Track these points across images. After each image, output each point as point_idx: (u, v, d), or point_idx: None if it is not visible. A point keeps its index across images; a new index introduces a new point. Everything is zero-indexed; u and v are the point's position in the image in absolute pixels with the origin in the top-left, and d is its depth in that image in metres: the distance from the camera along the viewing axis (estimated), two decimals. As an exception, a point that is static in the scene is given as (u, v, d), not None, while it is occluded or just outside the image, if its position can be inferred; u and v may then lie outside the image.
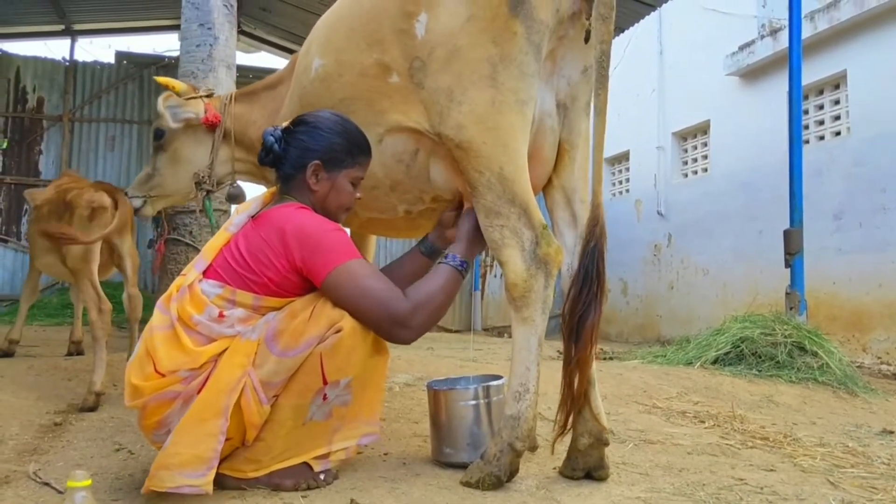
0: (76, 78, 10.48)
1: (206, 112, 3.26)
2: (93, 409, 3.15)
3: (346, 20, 2.38)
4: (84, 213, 3.56)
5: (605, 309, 2.04)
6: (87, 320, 3.52)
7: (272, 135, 2.16)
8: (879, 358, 6.90)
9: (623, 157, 11.98)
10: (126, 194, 3.61)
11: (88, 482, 1.53)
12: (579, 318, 1.97)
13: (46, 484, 2.03)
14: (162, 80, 3.43)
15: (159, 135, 3.35)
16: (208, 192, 3.36)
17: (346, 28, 2.36)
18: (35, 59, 10.46)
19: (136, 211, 3.55)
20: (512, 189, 1.99)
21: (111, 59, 10.96)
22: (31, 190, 4.35)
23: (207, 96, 3.39)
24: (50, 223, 3.75)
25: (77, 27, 10.99)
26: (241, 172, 3.38)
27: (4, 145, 10.05)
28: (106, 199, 3.61)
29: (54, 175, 10.14)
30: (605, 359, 5.69)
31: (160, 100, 3.25)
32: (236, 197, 3.53)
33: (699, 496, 1.94)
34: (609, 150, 11.75)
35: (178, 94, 3.33)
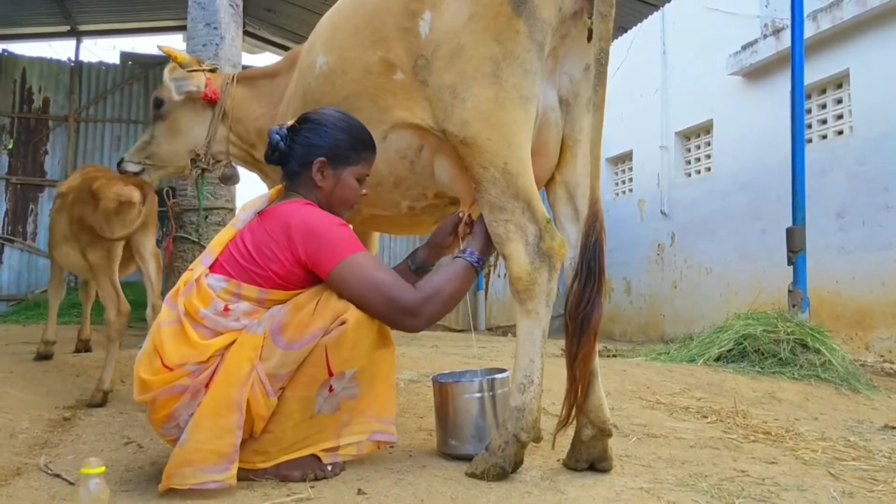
0: (81, 78, 10.52)
1: (206, 87, 3.27)
2: (100, 405, 3.16)
3: (350, 18, 2.41)
4: (110, 205, 3.36)
5: (608, 308, 2.07)
6: (103, 319, 3.45)
7: (278, 133, 2.19)
8: (882, 356, 6.91)
9: (626, 157, 11.99)
10: (122, 160, 3.49)
11: (102, 469, 1.56)
12: (584, 315, 2.00)
13: (57, 476, 2.06)
14: (166, 48, 3.43)
15: (159, 104, 3.35)
16: (203, 170, 3.36)
17: (350, 26, 2.39)
18: (41, 60, 10.51)
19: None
20: (516, 184, 2.02)
21: (116, 60, 11.00)
22: (61, 182, 4.21)
23: (211, 71, 3.41)
24: (73, 211, 3.60)
25: (82, 28, 11.03)
26: (234, 156, 3.38)
27: (10, 146, 10.09)
28: (136, 195, 3.41)
29: (60, 175, 10.17)
30: (608, 356, 5.71)
31: (166, 71, 3.27)
32: (230, 178, 3.52)
33: (701, 487, 1.96)
34: (612, 150, 11.78)
35: (182, 65, 3.34)
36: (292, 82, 2.91)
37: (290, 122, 2.24)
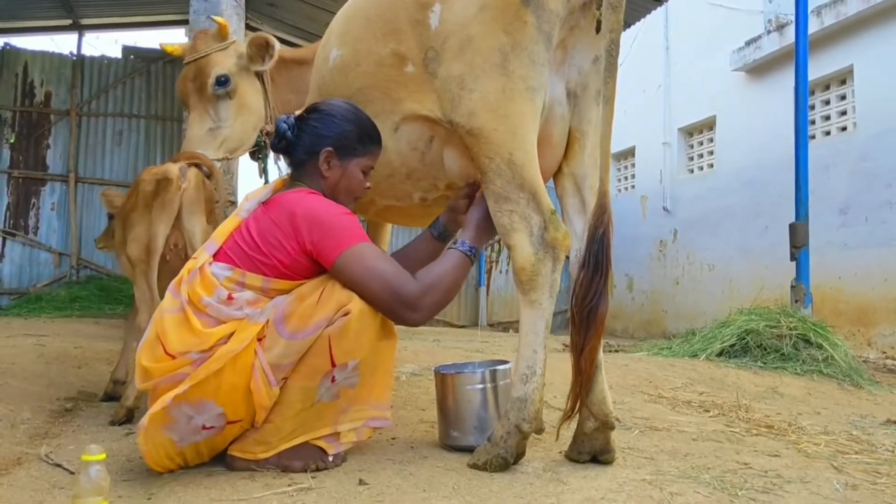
0: (83, 73, 10.46)
1: None
2: (124, 421, 2.71)
3: (363, 11, 2.41)
4: (148, 188, 2.85)
5: (610, 304, 2.05)
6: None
7: (285, 122, 2.20)
8: (884, 352, 6.91)
9: (629, 153, 11.99)
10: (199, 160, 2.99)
11: (103, 456, 1.55)
12: (590, 307, 1.99)
13: (58, 465, 2.06)
14: (219, 19, 3.21)
15: (225, 80, 3.07)
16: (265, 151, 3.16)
17: (362, 19, 2.39)
18: (42, 54, 10.46)
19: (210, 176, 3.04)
20: (521, 175, 2.01)
21: (118, 54, 10.96)
22: None
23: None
24: (123, 213, 3.06)
25: (84, 22, 11.00)
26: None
27: (12, 140, 10.07)
28: (172, 170, 2.87)
29: (62, 170, 10.16)
30: (610, 351, 5.70)
31: (271, 38, 3.08)
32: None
33: (703, 479, 1.96)
34: (615, 146, 11.62)
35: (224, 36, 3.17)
36: (312, 76, 2.87)
37: (298, 112, 2.24)
